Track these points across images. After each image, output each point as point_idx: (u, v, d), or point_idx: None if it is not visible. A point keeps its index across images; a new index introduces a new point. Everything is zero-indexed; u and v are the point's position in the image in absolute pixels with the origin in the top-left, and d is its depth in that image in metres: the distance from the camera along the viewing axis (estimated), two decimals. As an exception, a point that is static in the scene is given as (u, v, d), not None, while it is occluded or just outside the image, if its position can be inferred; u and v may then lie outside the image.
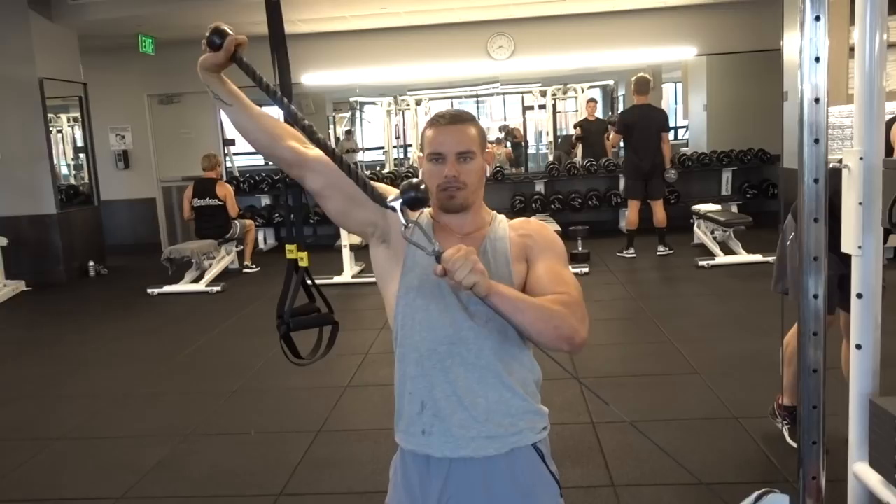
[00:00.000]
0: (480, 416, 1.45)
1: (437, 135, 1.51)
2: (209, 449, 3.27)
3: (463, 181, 1.48)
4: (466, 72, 9.44)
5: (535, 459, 1.52)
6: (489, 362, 1.45)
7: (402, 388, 1.53)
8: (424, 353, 1.46)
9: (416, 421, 1.49)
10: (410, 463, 1.55)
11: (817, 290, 1.86)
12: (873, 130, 1.99)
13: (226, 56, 1.42)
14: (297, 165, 1.51)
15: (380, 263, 1.57)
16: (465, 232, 1.52)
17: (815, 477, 1.89)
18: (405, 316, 1.49)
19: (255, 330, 5.30)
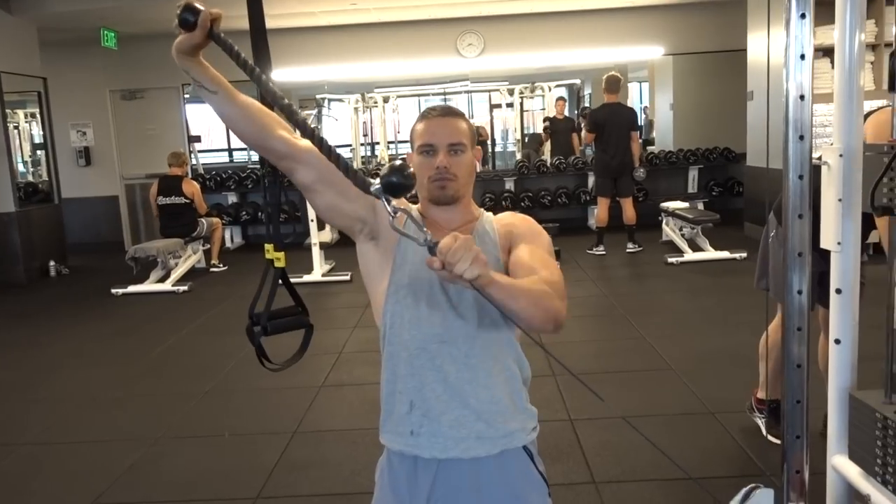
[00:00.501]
0: (471, 415, 1.43)
1: (428, 127, 1.49)
2: (182, 452, 3.19)
3: (454, 173, 1.47)
4: (436, 69, 9.42)
5: (525, 460, 1.50)
6: (479, 360, 1.44)
7: (391, 388, 1.49)
8: (414, 351, 1.44)
9: (405, 421, 1.46)
10: (397, 464, 1.52)
11: (801, 285, 1.87)
12: (852, 128, 2.00)
13: (202, 34, 1.31)
14: (289, 157, 1.43)
15: (368, 261, 1.54)
16: (454, 227, 1.50)
17: (798, 471, 1.91)
18: (394, 314, 1.46)
19: (225, 330, 5.21)
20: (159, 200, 7.03)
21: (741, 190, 8.51)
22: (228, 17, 1.37)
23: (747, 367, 3.58)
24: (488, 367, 1.44)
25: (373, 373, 4.06)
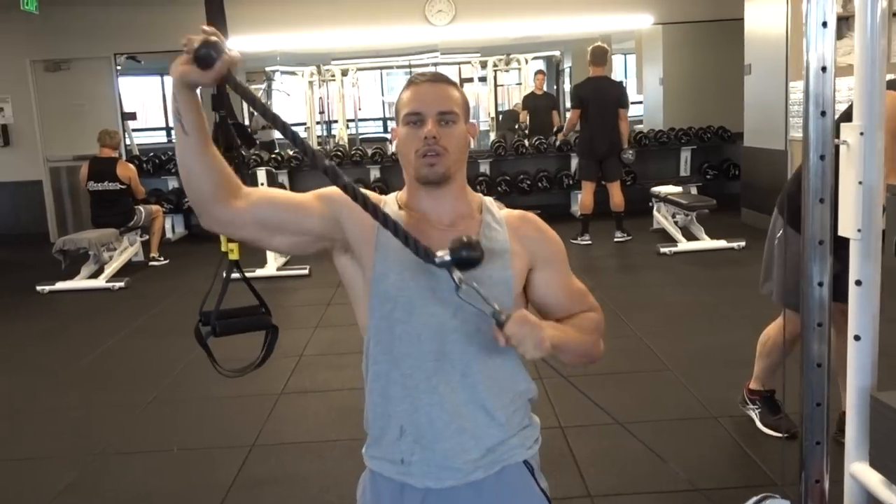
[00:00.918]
0: (468, 442, 1.40)
1: (416, 93, 1.43)
2: (125, 470, 3.13)
3: (444, 145, 1.39)
4: (402, 39, 9.33)
5: (526, 476, 1.49)
6: (476, 381, 1.41)
7: (379, 410, 1.45)
8: (406, 370, 1.40)
9: (394, 448, 1.43)
10: (382, 485, 1.48)
11: (822, 277, 1.89)
12: (874, 104, 2.02)
13: (215, 78, 1.23)
14: (230, 225, 1.39)
15: (346, 273, 1.49)
16: (447, 223, 1.44)
17: (818, 480, 1.93)
18: (380, 330, 1.42)
19: (169, 331, 5.12)
20: (90, 186, 6.87)
21: (738, 173, 8.61)
22: None
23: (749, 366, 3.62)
24: (489, 385, 1.42)
25: (337, 378, 4.06)
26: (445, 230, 1.42)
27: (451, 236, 1.34)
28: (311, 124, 12.15)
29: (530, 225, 1.51)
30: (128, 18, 8.74)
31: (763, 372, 3.14)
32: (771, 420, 3.08)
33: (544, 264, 1.48)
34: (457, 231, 1.42)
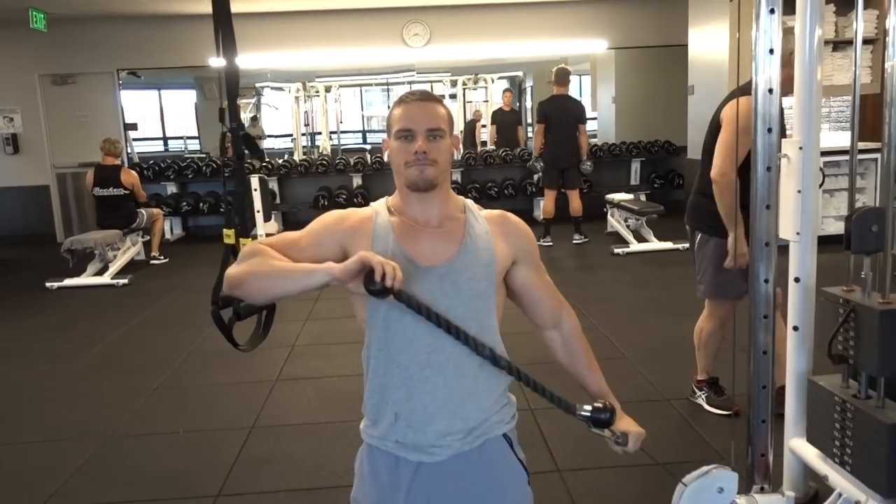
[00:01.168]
0: (458, 423, 1.43)
1: (406, 111, 1.45)
2: (135, 450, 3.10)
3: (433, 158, 1.43)
4: (382, 59, 9.33)
5: (505, 448, 1.52)
6: (468, 370, 1.43)
7: (376, 398, 1.47)
8: (402, 363, 1.42)
9: (390, 431, 1.45)
10: (378, 456, 1.50)
11: (768, 274, 1.93)
12: (811, 122, 2.08)
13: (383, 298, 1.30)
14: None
15: None
16: (435, 224, 1.47)
17: (763, 454, 1.98)
18: (378, 328, 1.44)
19: (171, 323, 5.07)
20: (96, 192, 6.76)
21: (682, 182, 8.74)
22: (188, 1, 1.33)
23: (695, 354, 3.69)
24: (476, 374, 1.44)
25: (328, 366, 4.05)
26: (434, 231, 1.46)
27: (441, 239, 1.43)
28: (297, 135, 12.08)
29: (510, 222, 1.54)
30: (129, 36, 8.63)
31: (705, 361, 3.22)
32: (716, 401, 3.17)
33: (525, 258, 1.51)
34: (447, 234, 1.46)
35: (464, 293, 1.42)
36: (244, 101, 14.58)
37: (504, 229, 1.51)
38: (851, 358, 1.88)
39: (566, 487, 2.59)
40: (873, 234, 1.85)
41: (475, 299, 1.43)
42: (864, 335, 1.83)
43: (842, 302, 1.89)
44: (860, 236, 1.85)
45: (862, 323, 1.83)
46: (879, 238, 1.85)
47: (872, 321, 1.79)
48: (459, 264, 1.42)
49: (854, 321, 1.84)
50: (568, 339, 1.64)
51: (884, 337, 1.76)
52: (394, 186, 1.50)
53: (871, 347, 1.80)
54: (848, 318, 1.85)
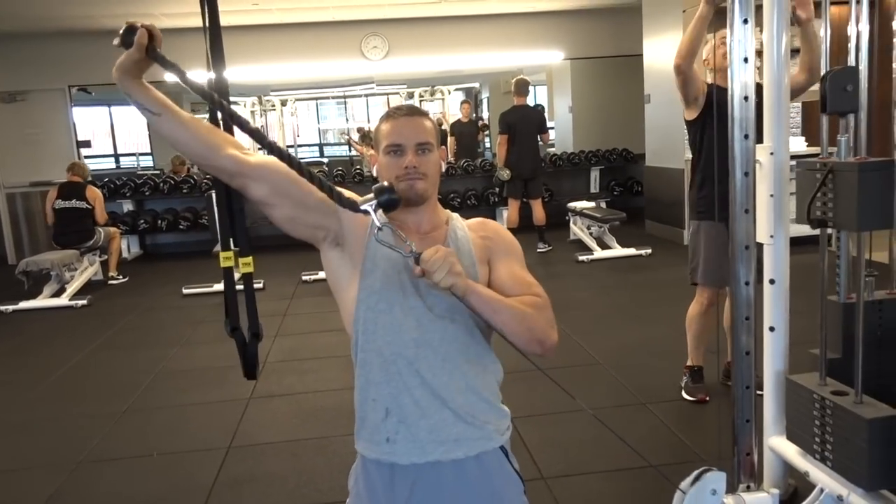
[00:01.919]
0: (448, 419, 1.43)
1: (395, 127, 1.48)
2: (108, 476, 3.01)
3: (423, 172, 1.46)
4: (341, 72, 9.31)
5: (502, 459, 1.53)
6: (455, 364, 1.44)
7: (365, 395, 1.47)
8: (389, 357, 1.43)
9: (381, 428, 1.44)
10: (373, 471, 1.50)
11: (748, 277, 1.98)
12: (781, 128, 2.15)
13: (139, 52, 1.29)
14: (239, 175, 1.41)
15: (334, 268, 1.52)
16: (424, 231, 1.50)
17: (748, 453, 2.02)
18: (367, 320, 1.44)
19: (135, 344, 4.95)
20: (57, 204, 6.62)
21: (640, 189, 8.89)
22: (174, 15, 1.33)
23: (668, 357, 3.77)
24: (464, 370, 1.45)
25: (301, 382, 4.00)
26: (422, 236, 1.48)
27: (426, 241, 1.43)
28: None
29: (487, 227, 1.57)
30: (80, 51, 8.42)
31: (690, 347, 3.39)
32: (690, 388, 3.35)
33: (497, 257, 1.52)
34: (431, 238, 1.49)
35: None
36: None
37: (480, 233, 1.54)
38: (831, 220, 1.89)
39: (552, 495, 2.60)
40: (848, 93, 1.89)
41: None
42: (842, 193, 1.85)
43: (819, 166, 1.92)
44: (836, 96, 1.89)
45: (840, 182, 1.85)
46: (853, 98, 1.90)
47: (851, 178, 1.82)
48: None
49: (832, 182, 1.87)
50: None
51: (862, 191, 1.79)
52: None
53: (850, 204, 1.83)
54: (826, 181, 1.88)
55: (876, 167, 1.84)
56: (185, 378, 4.14)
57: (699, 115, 3.17)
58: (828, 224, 1.95)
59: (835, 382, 2.10)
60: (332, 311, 1.63)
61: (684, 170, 7.00)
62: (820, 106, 1.94)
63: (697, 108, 3.16)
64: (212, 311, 5.71)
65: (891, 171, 1.86)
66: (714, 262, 3.17)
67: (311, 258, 7.00)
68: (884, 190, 1.85)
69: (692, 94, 3.10)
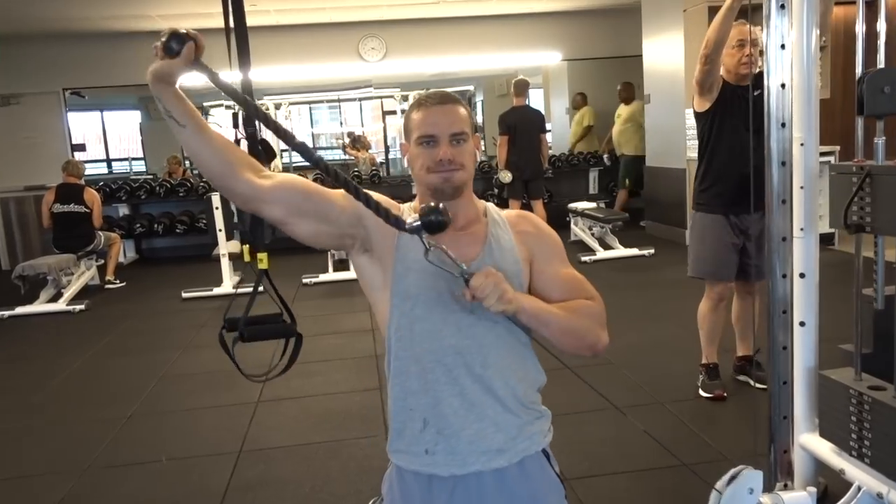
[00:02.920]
0: (490, 427, 1.37)
1: (427, 116, 1.40)
2: (118, 481, 2.93)
3: (460, 162, 1.39)
4: (338, 73, 9.24)
5: (543, 463, 1.47)
6: (497, 370, 1.38)
7: (401, 404, 1.41)
8: (427, 365, 1.36)
9: (419, 440, 1.38)
10: (411, 480, 1.43)
11: (785, 269, 1.94)
12: (811, 120, 2.10)
13: (185, 63, 1.22)
14: (254, 200, 1.33)
15: (365, 274, 1.45)
16: (459, 227, 1.41)
17: (786, 451, 1.97)
18: (401, 327, 1.38)
19: (138, 349, 4.87)
20: (55, 208, 6.50)
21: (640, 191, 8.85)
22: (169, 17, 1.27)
23: (681, 356, 3.73)
24: (506, 374, 1.39)
25: (309, 385, 3.93)
26: (458, 234, 1.40)
27: (464, 240, 1.38)
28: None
29: (527, 222, 1.51)
30: (74, 55, 8.37)
31: (703, 344, 3.37)
32: (707, 386, 3.32)
33: (541, 256, 1.47)
34: (470, 235, 1.42)
35: None
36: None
37: (518, 228, 1.47)
38: (868, 224, 1.85)
39: (576, 496, 2.54)
40: (886, 95, 1.84)
41: None
42: (881, 198, 1.80)
43: (855, 170, 1.87)
44: (873, 99, 1.83)
45: (879, 186, 1.80)
46: (892, 99, 1.84)
47: (891, 181, 1.77)
48: (484, 265, 1.37)
49: (870, 186, 1.82)
50: None
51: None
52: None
53: (892, 209, 1.78)
54: (863, 185, 1.83)
55: (918, 170, 1.80)
56: (190, 382, 4.06)
57: (711, 107, 3.15)
58: (865, 229, 1.90)
59: (870, 378, 2.06)
60: (336, 314, 1.58)
61: (686, 170, 6.99)
62: (857, 108, 1.88)
63: (711, 99, 3.13)
64: (213, 314, 5.63)
65: (931, 175, 1.82)
66: (713, 255, 3.19)
67: (311, 261, 6.96)
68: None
69: (711, 83, 3.07)
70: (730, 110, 3.08)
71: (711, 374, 3.33)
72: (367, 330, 4.81)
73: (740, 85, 3.09)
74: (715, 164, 3.19)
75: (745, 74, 3.06)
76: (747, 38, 3.00)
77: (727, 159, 3.12)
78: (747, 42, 3.00)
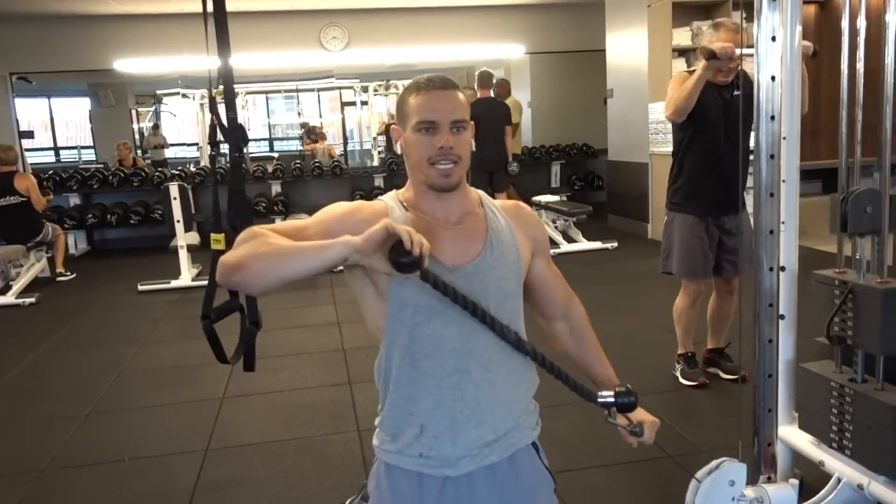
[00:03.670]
0: (487, 433, 1.34)
1: (428, 100, 1.32)
2: (78, 483, 2.80)
3: (458, 153, 1.31)
4: (299, 62, 9.08)
5: (533, 455, 1.45)
6: (497, 374, 1.34)
7: (399, 411, 1.35)
8: (428, 370, 1.31)
9: (414, 444, 1.33)
10: (400, 477, 1.38)
11: (772, 263, 1.94)
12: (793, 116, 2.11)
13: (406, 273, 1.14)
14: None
15: (357, 282, 1.34)
16: (455, 221, 1.35)
17: (770, 443, 1.98)
18: (400, 334, 1.31)
19: (93, 343, 4.70)
20: None
21: (601, 184, 8.93)
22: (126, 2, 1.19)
23: (652, 348, 3.76)
24: (505, 380, 1.35)
25: (276, 380, 3.83)
26: (454, 228, 1.35)
27: (464, 235, 1.33)
28: (202, 144, 11.57)
29: (525, 213, 1.46)
30: (22, 38, 8.04)
31: (680, 336, 3.40)
32: (688, 373, 3.37)
33: (541, 250, 1.45)
34: (469, 231, 1.36)
35: (492, 293, 1.32)
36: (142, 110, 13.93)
37: (521, 221, 1.43)
38: (850, 339, 1.90)
39: (556, 490, 2.52)
40: (868, 215, 1.89)
41: (504, 299, 1.34)
42: (863, 315, 1.85)
43: (838, 284, 1.91)
44: (856, 217, 1.88)
45: (861, 303, 1.85)
46: (874, 219, 1.89)
47: (874, 301, 1.81)
48: (486, 263, 1.33)
49: (852, 302, 1.87)
50: (576, 328, 1.59)
51: (886, 316, 1.79)
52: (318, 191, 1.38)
53: (872, 327, 1.83)
54: (846, 300, 1.88)
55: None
56: (151, 377, 3.93)
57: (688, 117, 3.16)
58: (846, 342, 1.92)
59: (850, 370, 2.08)
60: (299, 307, 1.52)
61: (649, 164, 7.05)
62: (839, 225, 1.89)
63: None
64: (171, 307, 5.47)
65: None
66: (689, 254, 3.21)
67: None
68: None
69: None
70: (706, 113, 3.09)
71: (690, 363, 3.38)
72: (332, 323, 4.72)
73: (719, 85, 3.10)
74: (689, 165, 3.20)
75: (724, 81, 3.07)
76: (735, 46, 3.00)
77: (703, 160, 3.14)
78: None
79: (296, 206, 8.35)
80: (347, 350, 4.15)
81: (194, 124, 11.62)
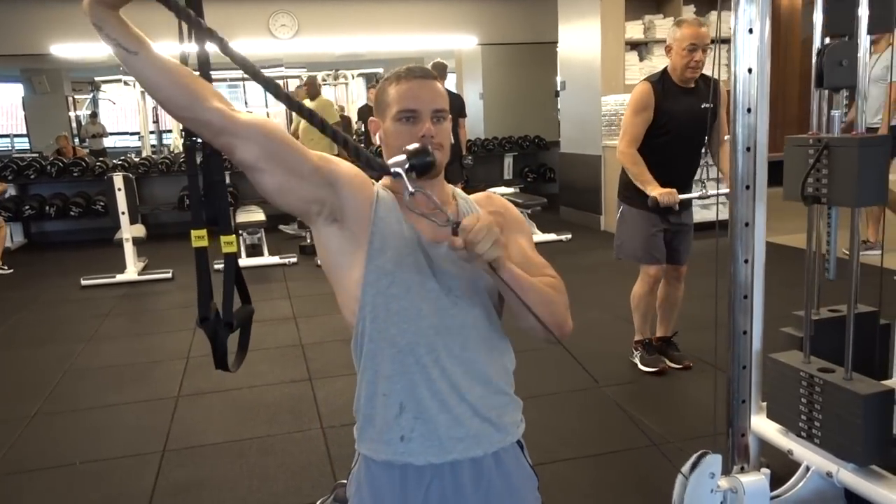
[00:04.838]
0: (468, 413, 1.33)
1: (409, 90, 1.34)
2: (26, 490, 2.66)
3: (439, 142, 1.33)
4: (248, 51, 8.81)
5: (518, 454, 1.45)
6: (475, 353, 1.34)
7: (373, 390, 1.34)
8: (404, 347, 1.30)
9: (393, 426, 1.31)
10: (380, 475, 1.36)
11: (747, 255, 1.94)
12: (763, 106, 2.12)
13: None
14: (226, 132, 1.19)
15: (332, 248, 1.35)
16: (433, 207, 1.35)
17: (743, 434, 1.99)
18: (377, 306, 1.30)
19: (35, 341, 4.49)
20: None
21: (553, 176, 8.99)
22: None
23: (613, 340, 3.78)
24: (483, 357, 1.35)
25: (233, 377, 3.65)
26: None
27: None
28: (144, 133, 11.23)
29: (495, 202, 1.49)
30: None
31: (638, 323, 3.46)
32: (647, 360, 3.43)
33: (508, 235, 1.42)
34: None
35: (466, 272, 1.32)
36: (80, 97, 13.41)
37: (489, 209, 1.43)
38: (824, 196, 1.91)
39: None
40: (843, 68, 1.90)
41: (478, 278, 1.34)
42: (839, 170, 1.86)
43: (812, 143, 1.93)
44: (831, 71, 1.89)
45: (836, 157, 1.86)
46: (849, 73, 1.90)
47: (851, 152, 1.82)
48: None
49: (827, 158, 1.87)
50: None
51: (862, 167, 1.80)
52: None
53: (848, 180, 1.84)
54: (820, 157, 1.88)
55: (875, 143, 1.85)
56: (100, 376, 3.77)
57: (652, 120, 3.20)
58: (820, 200, 1.95)
59: (818, 360, 2.12)
60: (253, 301, 1.46)
61: (601, 157, 7.11)
62: (815, 81, 1.93)
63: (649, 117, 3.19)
64: (118, 303, 5.27)
65: (887, 146, 1.88)
66: (643, 242, 3.28)
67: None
68: (880, 166, 1.87)
69: None
70: (667, 112, 3.13)
71: (650, 349, 3.44)
72: (287, 318, 4.62)
73: (683, 85, 3.13)
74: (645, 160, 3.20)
75: (691, 77, 3.10)
76: (699, 43, 3.03)
77: (660, 158, 3.17)
78: (699, 47, 3.03)
79: (245, 196, 8.16)
80: (306, 345, 4.06)
81: (135, 113, 11.27)
